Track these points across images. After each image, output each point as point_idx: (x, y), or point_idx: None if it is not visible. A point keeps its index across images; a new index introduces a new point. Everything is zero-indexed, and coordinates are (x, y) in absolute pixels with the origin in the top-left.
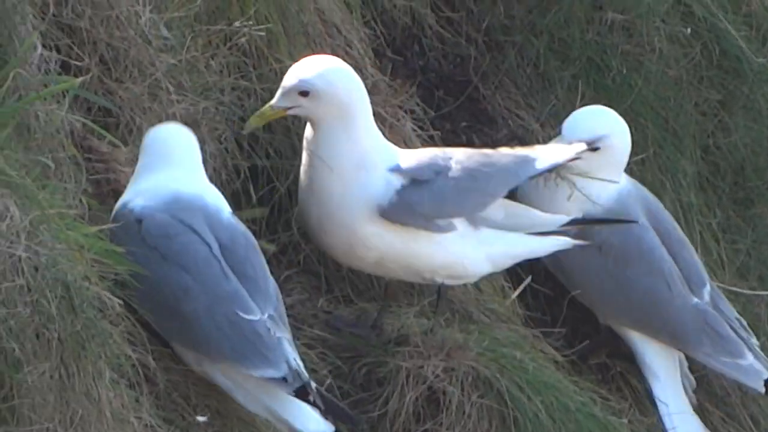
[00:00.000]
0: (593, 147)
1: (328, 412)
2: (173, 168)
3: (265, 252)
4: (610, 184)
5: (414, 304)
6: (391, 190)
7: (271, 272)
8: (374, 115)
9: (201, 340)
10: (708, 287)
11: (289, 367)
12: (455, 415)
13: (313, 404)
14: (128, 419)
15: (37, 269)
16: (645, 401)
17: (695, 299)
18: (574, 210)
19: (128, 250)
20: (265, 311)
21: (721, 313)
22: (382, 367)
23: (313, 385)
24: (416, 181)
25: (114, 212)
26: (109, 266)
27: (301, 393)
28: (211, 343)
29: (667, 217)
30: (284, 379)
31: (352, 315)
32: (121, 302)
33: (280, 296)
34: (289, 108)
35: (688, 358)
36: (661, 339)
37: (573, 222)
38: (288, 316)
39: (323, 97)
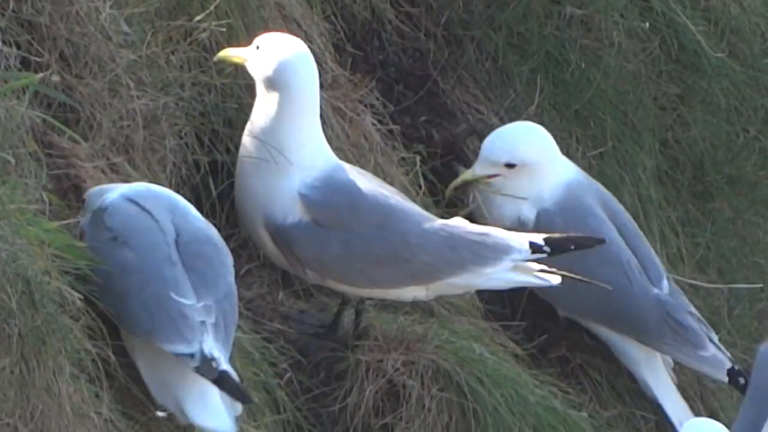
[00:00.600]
0: (510, 164)
1: (228, 392)
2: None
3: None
4: (553, 178)
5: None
6: (288, 216)
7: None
8: (334, 109)
9: (125, 314)
10: (665, 281)
11: (201, 349)
12: (415, 408)
13: (215, 383)
14: (88, 414)
15: None
16: (604, 394)
17: (655, 290)
18: (526, 210)
19: (88, 234)
20: (202, 300)
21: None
22: (342, 362)
23: (221, 368)
24: (317, 224)
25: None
26: (69, 261)
27: (205, 372)
28: (133, 317)
29: (622, 209)
30: (192, 356)
31: (313, 309)
32: (81, 297)
33: (234, 300)
34: (246, 59)
35: None
36: (622, 330)
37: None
38: (248, 310)
39: (269, 57)
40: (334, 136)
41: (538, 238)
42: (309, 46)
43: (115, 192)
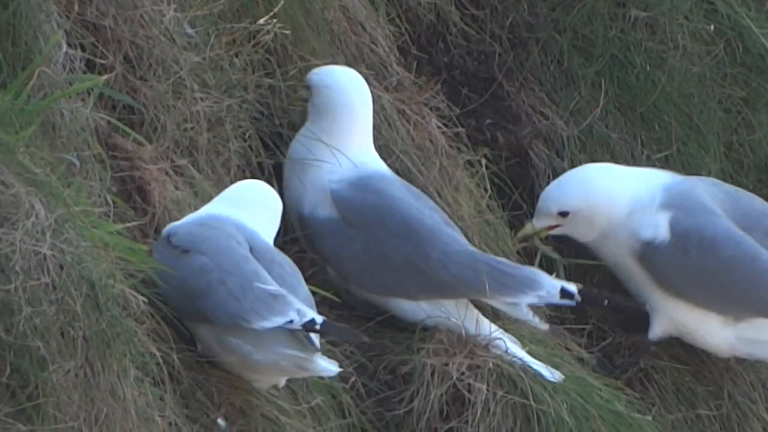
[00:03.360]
0: (562, 213)
1: (335, 336)
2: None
3: None
4: (640, 193)
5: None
6: (316, 209)
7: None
8: (399, 112)
9: (212, 307)
10: None
11: (298, 311)
12: (480, 412)
13: (317, 332)
14: (153, 417)
15: (62, 267)
16: (669, 397)
17: None
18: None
19: (156, 257)
20: None
21: None
22: (407, 365)
23: (319, 319)
24: (344, 222)
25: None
26: (133, 264)
27: (309, 327)
28: (217, 307)
29: (743, 195)
30: (291, 321)
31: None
32: (145, 300)
33: (314, 304)
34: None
35: None
36: None
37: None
38: None
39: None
40: (399, 138)
41: (573, 287)
42: (374, 49)
43: (180, 222)
